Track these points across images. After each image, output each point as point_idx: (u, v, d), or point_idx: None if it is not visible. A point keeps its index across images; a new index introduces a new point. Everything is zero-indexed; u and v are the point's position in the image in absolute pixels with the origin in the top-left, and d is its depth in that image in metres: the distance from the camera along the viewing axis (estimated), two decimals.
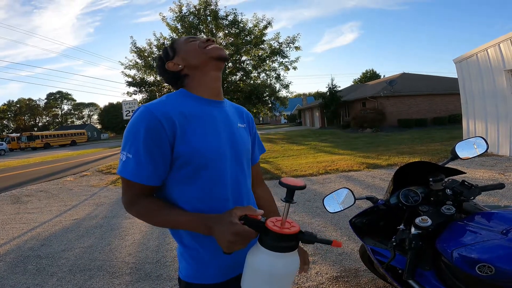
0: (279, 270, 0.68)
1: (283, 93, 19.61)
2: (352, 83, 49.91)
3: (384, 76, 45.97)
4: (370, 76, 55.01)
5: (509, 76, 6.95)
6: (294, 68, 18.62)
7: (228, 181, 0.91)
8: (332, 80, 30.41)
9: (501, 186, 1.30)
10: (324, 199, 1.53)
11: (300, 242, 0.71)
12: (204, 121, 0.90)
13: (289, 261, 0.69)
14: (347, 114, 24.65)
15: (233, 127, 0.98)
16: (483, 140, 1.40)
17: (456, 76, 9.10)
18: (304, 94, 50.48)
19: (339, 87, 25.96)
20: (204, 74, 0.95)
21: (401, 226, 1.27)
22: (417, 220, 1.18)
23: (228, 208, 0.83)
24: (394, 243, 1.22)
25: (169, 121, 0.82)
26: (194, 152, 0.85)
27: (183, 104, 0.89)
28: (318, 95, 29.37)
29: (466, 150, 1.42)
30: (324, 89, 35.67)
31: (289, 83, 18.61)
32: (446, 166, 1.43)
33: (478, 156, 1.40)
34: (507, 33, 6.75)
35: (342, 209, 1.50)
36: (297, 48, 17.79)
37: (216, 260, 0.89)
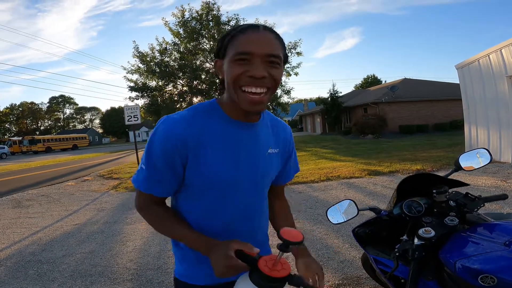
0: None
1: (285, 98, 19.66)
2: (353, 89, 50.03)
3: (385, 81, 46.18)
4: (371, 81, 55.20)
5: (510, 82, 6.96)
6: (296, 73, 18.70)
7: (238, 206, 0.91)
8: (333, 85, 30.45)
9: (504, 197, 1.31)
10: (327, 210, 1.54)
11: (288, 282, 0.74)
12: (224, 145, 0.85)
13: None
14: (349, 120, 24.67)
15: (260, 154, 0.91)
16: (487, 152, 1.41)
17: (458, 82, 9.12)
18: (305, 100, 50.56)
19: (341, 92, 26.06)
20: (235, 106, 0.84)
21: (404, 237, 1.27)
22: (420, 231, 1.18)
23: (228, 232, 0.89)
24: (397, 253, 1.22)
25: (184, 144, 0.81)
26: (203, 179, 0.85)
27: (207, 122, 0.84)
28: (319, 100, 29.50)
29: (469, 161, 1.43)
30: (325, 94, 35.74)
31: (291, 89, 18.62)
32: (449, 178, 1.43)
33: (481, 167, 1.40)
34: (509, 39, 6.76)
35: (345, 220, 1.50)
36: (298, 53, 17.88)
37: (205, 264, 0.89)
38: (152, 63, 17.68)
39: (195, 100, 17.68)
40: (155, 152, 0.82)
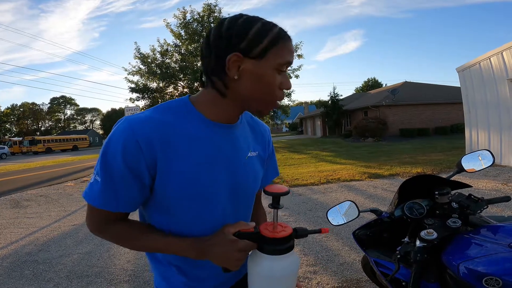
0: (285, 270, 0.71)
1: (285, 101, 19.72)
2: (354, 92, 50.12)
3: (386, 84, 46.27)
4: (372, 84, 55.31)
5: None
6: (297, 76, 18.74)
7: (217, 219, 0.78)
8: (334, 88, 30.47)
9: (507, 199, 1.28)
10: (328, 212, 1.51)
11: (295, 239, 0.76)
12: (200, 149, 0.72)
13: (289, 261, 0.72)
14: (349, 123, 24.68)
15: (239, 158, 0.80)
16: (490, 153, 1.38)
17: (459, 85, 9.11)
18: (305, 103, 50.71)
19: (341, 95, 26.11)
20: (236, 106, 0.75)
21: (406, 239, 1.25)
22: (422, 233, 1.16)
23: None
24: (399, 256, 1.20)
25: (149, 146, 0.67)
26: (178, 189, 0.71)
27: (178, 123, 0.71)
28: (320, 103, 29.53)
29: (472, 163, 1.40)
30: (326, 97, 35.82)
31: (291, 92, 18.68)
32: (451, 179, 1.41)
33: (484, 169, 1.38)
34: (510, 42, 6.75)
35: (346, 221, 1.48)
36: (299, 56, 17.93)
37: (189, 283, 0.83)
38: (153, 65, 17.73)
39: None
40: (113, 158, 0.66)
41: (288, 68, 0.80)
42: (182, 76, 18.19)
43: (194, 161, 0.72)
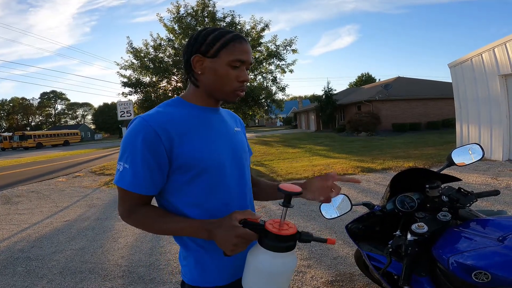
0: (279, 268, 0.73)
1: (279, 95, 19.64)
2: (348, 87, 50.24)
3: (379, 80, 46.42)
4: (365, 79, 55.43)
5: (503, 81, 7.03)
6: (291, 71, 18.69)
7: (229, 185, 0.92)
8: (328, 83, 30.47)
9: (496, 193, 1.30)
10: (320, 205, 1.52)
11: (297, 241, 0.76)
12: (202, 129, 0.90)
13: (287, 260, 0.74)
14: (343, 117, 24.77)
15: (231, 132, 0.99)
16: (479, 147, 1.40)
17: (451, 81, 9.19)
18: (300, 97, 50.69)
19: (335, 90, 26.11)
20: (208, 94, 0.94)
21: (397, 232, 1.26)
22: (413, 227, 1.18)
23: (228, 212, 0.86)
24: (390, 249, 1.22)
25: (165, 132, 0.82)
26: (192, 161, 0.85)
27: (180, 113, 0.89)
28: (314, 98, 29.56)
29: (462, 156, 1.42)
30: (320, 92, 35.81)
31: (286, 86, 18.63)
32: (442, 172, 1.43)
33: (474, 162, 1.40)
34: (502, 38, 6.82)
35: (339, 215, 1.49)
36: (294, 51, 17.88)
37: (218, 264, 0.91)
38: (146, 59, 17.49)
39: None
40: (137, 147, 0.81)
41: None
42: (175, 70, 17.99)
43: (203, 139, 0.88)
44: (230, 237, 0.76)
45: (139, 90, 18.71)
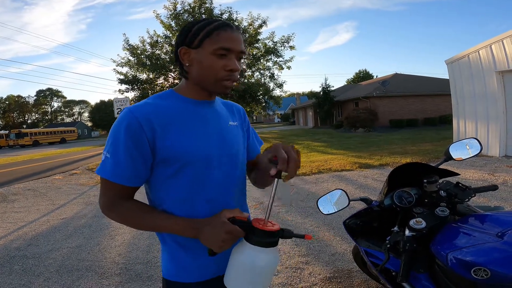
0: (262, 263, 0.77)
1: (277, 92, 19.62)
2: (345, 83, 50.22)
3: (377, 76, 46.41)
4: (363, 76, 55.41)
5: (500, 77, 7.04)
6: (288, 67, 18.65)
7: (214, 181, 0.89)
8: (326, 80, 30.55)
9: (494, 188, 1.30)
10: (318, 200, 1.51)
11: (280, 238, 0.81)
12: (189, 121, 0.88)
13: (271, 256, 0.78)
14: (340, 114, 24.78)
15: (223, 127, 0.95)
16: (477, 142, 1.39)
17: (448, 78, 9.20)
18: (297, 94, 50.57)
19: (333, 87, 26.12)
20: (198, 86, 0.91)
21: (395, 228, 1.25)
22: (411, 222, 1.16)
23: (213, 209, 0.87)
24: (388, 245, 1.21)
25: (148, 122, 0.81)
26: (175, 154, 0.83)
27: (169, 105, 0.88)
28: (311, 94, 29.51)
29: (459, 151, 1.41)
30: (317, 88, 35.80)
31: (283, 82, 18.61)
32: (439, 167, 1.42)
33: (472, 157, 1.39)
34: (499, 35, 6.83)
35: (336, 210, 1.48)
36: (291, 47, 17.81)
37: (197, 260, 0.91)
38: (142, 56, 17.38)
39: None
40: (119, 135, 0.80)
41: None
42: (172, 67, 17.90)
43: (189, 131, 0.86)
44: (219, 233, 0.77)
45: (136, 87, 18.58)
